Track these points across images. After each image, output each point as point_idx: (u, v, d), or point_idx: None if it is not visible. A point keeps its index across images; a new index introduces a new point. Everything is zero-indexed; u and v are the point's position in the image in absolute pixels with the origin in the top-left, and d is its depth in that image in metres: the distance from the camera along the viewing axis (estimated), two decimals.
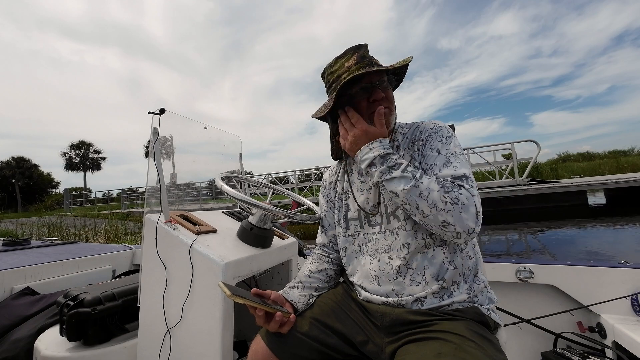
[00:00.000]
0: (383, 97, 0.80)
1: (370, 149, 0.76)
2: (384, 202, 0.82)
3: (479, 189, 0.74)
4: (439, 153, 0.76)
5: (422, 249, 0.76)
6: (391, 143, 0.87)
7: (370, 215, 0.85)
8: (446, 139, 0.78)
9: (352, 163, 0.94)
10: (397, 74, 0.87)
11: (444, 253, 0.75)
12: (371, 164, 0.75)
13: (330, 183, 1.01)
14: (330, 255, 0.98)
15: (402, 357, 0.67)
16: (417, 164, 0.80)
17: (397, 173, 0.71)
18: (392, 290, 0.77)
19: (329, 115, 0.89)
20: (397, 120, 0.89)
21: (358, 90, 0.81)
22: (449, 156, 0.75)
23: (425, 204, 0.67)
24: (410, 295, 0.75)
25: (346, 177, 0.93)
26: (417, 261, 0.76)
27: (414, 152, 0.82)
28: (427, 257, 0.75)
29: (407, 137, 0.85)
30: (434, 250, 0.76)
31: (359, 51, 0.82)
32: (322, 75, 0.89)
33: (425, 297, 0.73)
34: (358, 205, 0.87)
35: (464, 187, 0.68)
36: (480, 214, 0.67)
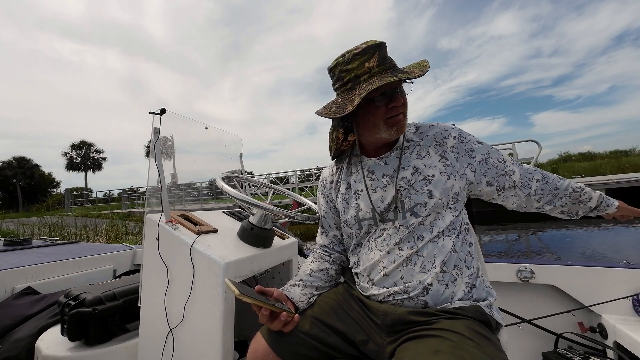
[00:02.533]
0: (402, 104, 0.80)
1: None
2: (401, 198, 0.81)
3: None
4: (473, 149, 0.85)
5: (434, 238, 0.77)
6: (405, 143, 0.87)
7: (385, 213, 0.83)
8: (475, 137, 0.87)
9: (357, 162, 0.92)
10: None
11: (452, 240, 0.77)
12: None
13: (331, 182, 0.98)
14: (332, 255, 0.97)
15: (400, 355, 0.67)
16: (448, 162, 0.82)
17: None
18: (401, 278, 0.77)
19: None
20: None
21: (378, 96, 0.78)
22: (490, 150, 0.87)
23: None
24: (419, 282, 0.75)
25: (359, 176, 0.90)
26: (428, 249, 0.77)
27: (444, 151, 0.83)
28: (437, 246, 0.77)
29: (427, 136, 0.86)
30: (444, 239, 0.77)
31: (380, 51, 0.78)
32: (333, 69, 0.84)
33: (431, 283, 0.74)
34: (372, 204, 0.85)
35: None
36: None
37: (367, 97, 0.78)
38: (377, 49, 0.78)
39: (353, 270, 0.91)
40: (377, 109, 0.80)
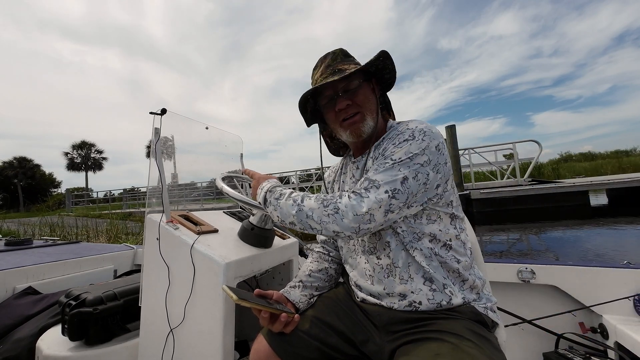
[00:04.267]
0: (349, 105, 0.80)
1: (261, 189, 0.83)
2: None
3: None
4: (383, 156, 0.75)
5: (405, 245, 0.75)
6: (378, 143, 0.82)
7: None
8: (403, 142, 0.73)
9: (348, 163, 0.94)
10: (382, 69, 0.83)
11: (431, 250, 0.74)
12: (265, 201, 0.81)
13: (329, 182, 1.03)
14: (331, 253, 0.99)
15: (400, 358, 0.67)
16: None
17: (282, 201, 0.76)
18: (384, 289, 0.77)
19: (318, 122, 0.96)
20: (384, 120, 0.88)
21: (325, 103, 0.84)
22: (384, 162, 0.72)
23: (315, 222, 0.71)
24: (401, 295, 0.74)
25: (346, 176, 0.93)
26: (402, 258, 0.75)
27: (375, 157, 0.79)
28: (410, 255, 0.75)
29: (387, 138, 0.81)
30: (417, 248, 0.74)
31: (325, 61, 0.84)
32: None
33: (420, 302, 0.72)
34: None
35: (352, 195, 0.69)
36: (369, 213, 0.66)
37: (318, 106, 0.86)
38: (323, 60, 0.84)
39: (347, 278, 0.92)
40: (330, 114, 0.84)
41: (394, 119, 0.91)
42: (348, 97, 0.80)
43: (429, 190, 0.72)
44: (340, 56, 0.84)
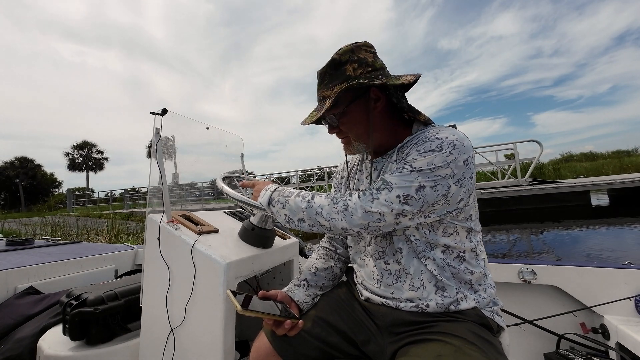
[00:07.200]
0: (335, 132, 0.84)
1: (266, 190, 0.84)
2: None
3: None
4: (404, 160, 0.72)
5: (417, 254, 0.74)
6: (397, 155, 0.79)
7: None
8: (428, 151, 0.69)
9: (365, 160, 0.93)
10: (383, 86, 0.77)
11: (443, 260, 0.73)
12: (270, 201, 0.80)
13: (342, 177, 1.01)
14: (337, 250, 0.98)
15: (401, 358, 0.67)
16: None
17: (292, 198, 0.77)
18: (391, 293, 0.76)
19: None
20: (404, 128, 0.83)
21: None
22: (404, 167, 0.70)
23: (323, 219, 0.72)
24: (409, 300, 0.74)
25: (362, 174, 0.91)
26: (414, 266, 0.74)
27: (398, 160, 0.77)
28: (422, 263, 0.74)
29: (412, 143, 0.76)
30: (429, 257, 0.74)
31: (318, 88, 0.81)
32: None
33: (428, 305, 0.72)
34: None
35: (362, 194, 0.70)
36: (379, 212, 0.67)
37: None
38: (318, 77, 0.81)
39: (352, 276, 0.92)
40: None
41: (424, 117, 0.81)
42: (335, 127, 0.83)
43: (450, 204, 0.70)
44: (328, 73, 0.77)
